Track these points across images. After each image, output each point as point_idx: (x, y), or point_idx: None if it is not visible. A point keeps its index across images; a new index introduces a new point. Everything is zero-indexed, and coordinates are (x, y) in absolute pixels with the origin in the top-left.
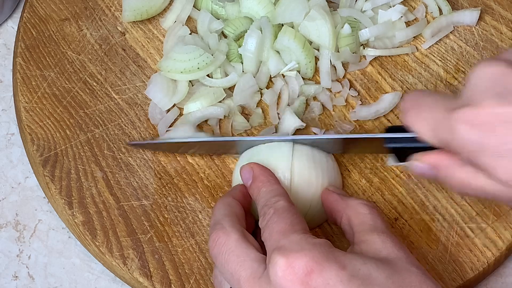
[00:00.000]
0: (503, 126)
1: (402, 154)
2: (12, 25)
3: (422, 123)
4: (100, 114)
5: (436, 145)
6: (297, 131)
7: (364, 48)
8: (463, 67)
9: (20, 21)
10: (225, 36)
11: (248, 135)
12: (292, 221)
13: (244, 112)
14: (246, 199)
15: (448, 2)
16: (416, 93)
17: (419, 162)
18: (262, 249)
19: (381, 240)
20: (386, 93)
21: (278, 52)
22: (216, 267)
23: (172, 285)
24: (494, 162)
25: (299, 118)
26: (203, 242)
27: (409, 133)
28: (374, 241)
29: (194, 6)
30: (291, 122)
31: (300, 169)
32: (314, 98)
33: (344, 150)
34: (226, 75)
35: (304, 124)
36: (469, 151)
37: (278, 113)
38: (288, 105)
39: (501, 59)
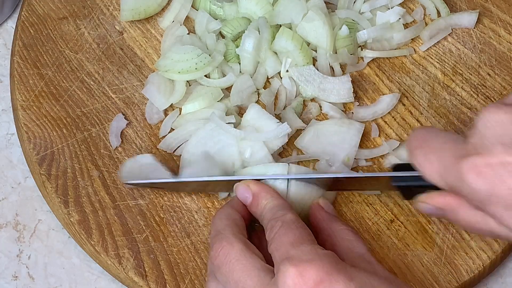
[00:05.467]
0: None
1: (409, 191)
2: (12, 25)
3: (429, 166)
4: (97, 113)
5: (444, 188)
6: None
7: (362, 50)
8: (460, 70)
9: (18, 19)
10: (223, 36)
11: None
12: (301, 233)
13: (241, 112)
14: (245, 210)
15: (447, 5)
16: (423, 131)
17: (425, 204)
18: (265, 260)
19: (371, 267)
20: (384, 94)
21: (275, 52)
22: (211, 281)
23: (167, 285)
24: (503, 211)
25: None
26: (199, 242)
27: (416, 172)
28: (364, 268)
29: (192, 6)
30: (292, 122)
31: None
32: (312, 99)
33: (345, 187)
34: (224, 75)
35: (305, 125)
36: (478, 200)
37: (276, 114)
38: (286, 105)
39: (508, 104)
